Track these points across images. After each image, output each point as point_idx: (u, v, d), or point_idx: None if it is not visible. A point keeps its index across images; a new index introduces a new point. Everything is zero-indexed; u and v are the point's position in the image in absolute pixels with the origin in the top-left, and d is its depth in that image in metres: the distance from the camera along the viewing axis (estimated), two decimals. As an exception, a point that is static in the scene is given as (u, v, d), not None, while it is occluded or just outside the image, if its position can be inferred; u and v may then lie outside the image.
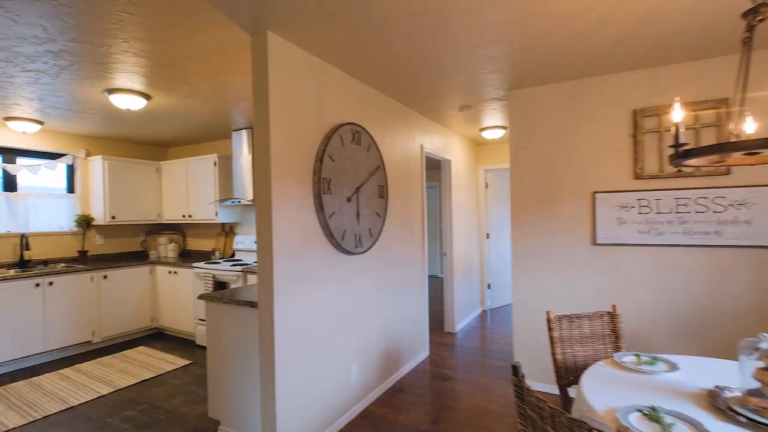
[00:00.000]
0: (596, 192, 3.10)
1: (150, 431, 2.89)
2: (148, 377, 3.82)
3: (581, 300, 3.17)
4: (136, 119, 4.31)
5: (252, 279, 4.21)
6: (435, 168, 8.82)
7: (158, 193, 5.48)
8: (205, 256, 5.44)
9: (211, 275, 4.49)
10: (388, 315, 3.47)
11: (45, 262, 4.69)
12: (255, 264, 4.50)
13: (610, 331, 2.29)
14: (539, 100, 3.32)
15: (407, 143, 3.84)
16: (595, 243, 3.11)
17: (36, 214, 4.68)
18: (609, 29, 2.40)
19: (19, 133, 4.52)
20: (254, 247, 4.86)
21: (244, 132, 4.70)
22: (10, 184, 4.53)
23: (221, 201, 4.81)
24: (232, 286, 4.34)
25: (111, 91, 3.34)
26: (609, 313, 2.31)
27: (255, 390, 2.58)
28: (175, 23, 2.26)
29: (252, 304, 2.57)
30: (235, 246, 5.08)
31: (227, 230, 5.39)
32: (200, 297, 2.85)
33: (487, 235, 5.98)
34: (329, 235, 2.73)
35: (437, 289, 7.68)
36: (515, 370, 1.53)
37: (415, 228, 3.97)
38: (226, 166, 4.99)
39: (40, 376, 3.87)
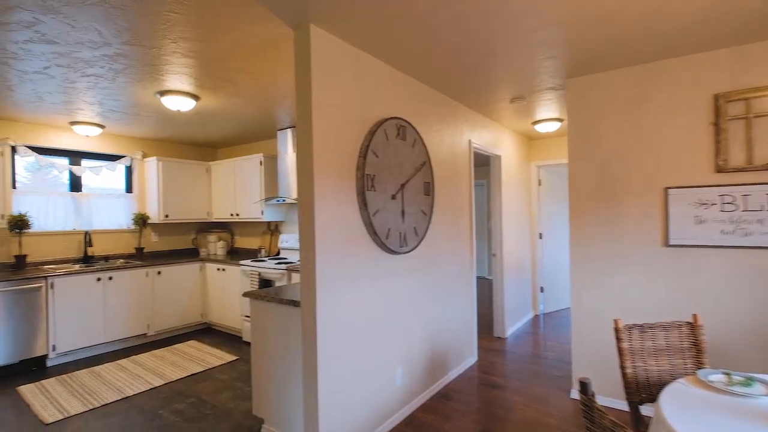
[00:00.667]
0: (669, 188, 2.78)
1: (198, 425, 2.92)
2: (197, 371, 3.91)
3: (651, 307, 2.86)
4: (187, 121, 4.44)
5: (296, 277, 4.21)
6: (482, 165, 8.49)
7: (208, 192, 5.65)
8: (252, 254, 5.54)
9: (256, 273, 4.54)
10: (434, 317, 3.32)
11: (106, 258, 4.96)
12: (299, 262, 4.49)
13: (690, 344, 2.02)
14: (601, 88, 3.04)
15: (454, 138, 3.67)
16: (667, 244, 2.79)
17: (98, 212, 4.96)
18: (686, 4, 2.12)
19: (83, 137, 4.80)
20: (298, 245, 4.87)
21: (288, 131, 4.73)
22: (76, 185, 4.83)
23: (266, 200, 4.86)
24: (277, 284, 4.36)
25: (162, 93, 3.44)
26: (688, 323, 2.03)
27: (298, 389, 2.53)
28: (219, 20, 2.25)
29: (295, 303, 2.52)
30: (280, 244, 5.12)
31: (273, 229, 5.46)
32: (245, 294, 2.85)
33: (540, 235, 5.66)
34: (373, 233, 2.63)
35: (486, 291, 7.41)
36: (584, 387, 1.35)
37: (463, 227, 3.79)
38: (271, 166, 5.05)
39: (100, 366, 4.08)
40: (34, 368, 4.01)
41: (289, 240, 5.02)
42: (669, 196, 2.77)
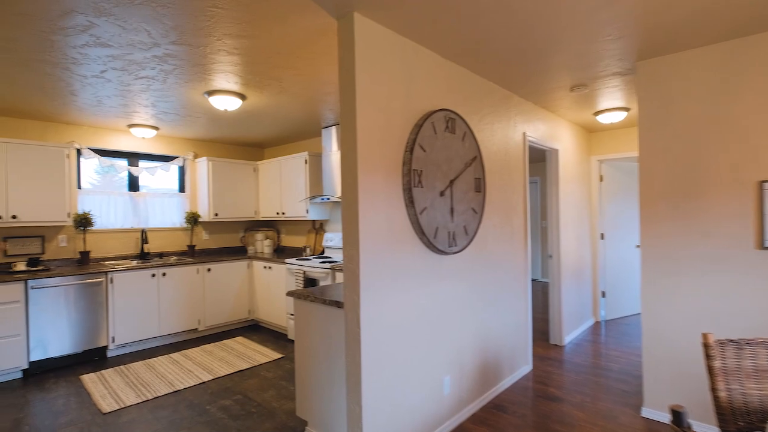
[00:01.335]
0: (765, 181, 2.40)
1: (243, 423, 2.91)
2: (244, 368, 3.94)
3: (743, 318, 2.49)
4: (234, 121, 4.50)
5: (341, 277, 4.14)
6: (536, 161, 8.04)
7: (255, 191, 5.75)
8: (297, 253, 5.57)
9: (301, 272, 4.53)
10: (485, 322, 3.12)
11: (160, 255, 5.17)
12: (343, 260, 4.43)
13: (801, 367, 1.69)
14: (679, 70, 2.70)
15: (507, 131, 3.43)
16: (762, 246, 2.41)
17: (153, 211, 5.18)
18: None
19: (140, 139, 5.02)
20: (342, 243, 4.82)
21: (333, 128, 4.68)
22: (134, 185, 5.06)
23: (311, 198, 4.85)
24: (321, 283, 4.32)
25: (210, 93, 3.48)
26: (798, 341, 1.70)
27: (342, 394, 2.43)
28: (262, 14, 2.19)
29: (338, 304, 2.42)
30: (324, 243, 5.10)
31: (317, 227, 5.45)
32: (288, 294, 2.80)
33: (602, 236, 5.23)
34: (420, 232, 2.47)
35: (541, 295, 7.01)
36: (678, 417, 1.12)
37: (517, 226, 3.54)
38: (316, 164, 5.03)
39: (154, 359, 4.22)
40: (96, 358, 4.23)
41: (333, 239, 4.98)
42: (765, 191, 2.39)
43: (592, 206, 5.20)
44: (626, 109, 3.98)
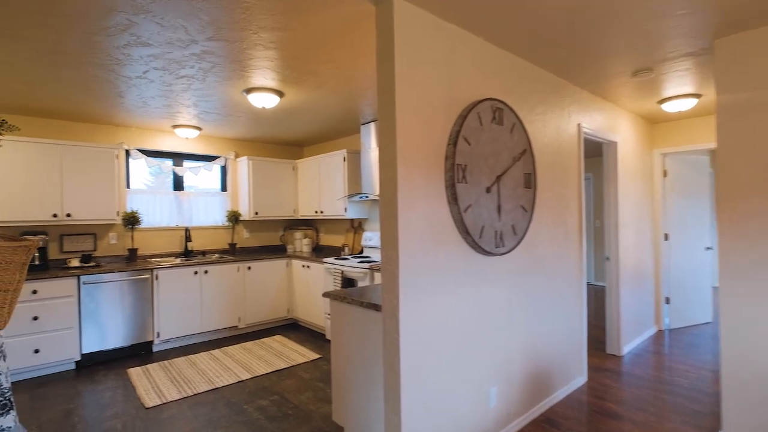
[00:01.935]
0: None
1: (279, 425, 2.85)
2: (282, 367, 3.91)
3: None
4: (273, 119, 4.49)
5: (379, 277, 4.02)
6: (590, 156, 7.47)
7: (294, 190, 5.75)
8: (336, 252, 5.50)
9: (339, 271, 4.45)
10: (535, 329, 2.87)
11: (203, 253, 5.27)
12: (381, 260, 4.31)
13: None
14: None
15: (560, 122, 3.15)
16: None
17: (197, 210, 5.29)
18: None
19: (183, 139, 5.14)
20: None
21: (371, 125, 4.56)
22: (178, 184, 5.19)
23: (350, 196, 4.76)
24: (360, 283, 4.21)
25: (249, 90, 3.46)
26: None
27: (380, 401, 2.30)
28: (296, 3, 2.09)
29: (376, 307, 2.29)
30: (363, 242, 4.99)
31: (356, 226, 5.36)
32: (325, 295, 2.70)
33: (665, 236, 4.76)
34: (464, 231, 2.29)
35: (596, 300, 6.54)
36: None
37: (571, 225, 3.26)
38: (355, 162, 4.93)
39: (195, 355, 4.29)
40: (143, 352, 4.35)
41: (372, 238, 4.87)
42: None
43: (654, 204, 4.74)
44: (697, 96, 3.56)
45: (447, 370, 2.23)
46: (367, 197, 4.53)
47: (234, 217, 5.42)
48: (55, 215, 4.03)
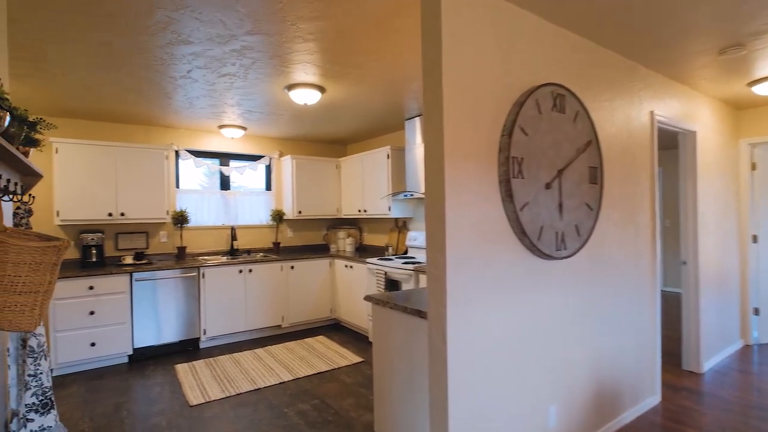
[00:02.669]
0: None
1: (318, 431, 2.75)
2: (323, 370, 3.82)
3: None
4: (316, 116, 4.41)
5: (424, 279, 3.82)
6: (660, 148, 6.73)
7: (338, 188, 5.67)
8: (379, 252, 5.36)
9: (382, 272, 4.29)
10: (600, 342, 2.56)
11: (248, 252, 5.32)
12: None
13: None
14: None
15: (630, 110, 2.80)
16: None
17: (242, 209, 5.35)
18: None
19: (229, 139, 5.21)
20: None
21: (416, 120, 4.37)
22: (225, 184, 5.27)
23: (394, 195, 4.59)
24: (404, 285, 4.04)
25: (290, 87, 3.39)
26: None
27: (424, 415, 2.11)
28: (337, -20, 1.95)
29: (421, 314, 2.10)
30: (408, 242, 4.81)
31: (400, 225, 5.19)
32: (366, 298, 2.55)
33: (754, 238, 4.15)
34: (520, 232, 2.04)
35: (670, 309, 5.85)
36: None
37: (642, 225, 2.89)
38: (399, 158, 4.76)
39: (239, 353, 4.30)
40: (190, 348, 4.44)
41: (417, 238, 4.68)
42: None
43: (740, 201, 4.16)
44: (797, 75, 3.06)
45: (500, 384, 2.00)
46: (411, 195, 4.35)
47: (278, 216, 5.43)
48: (110, 214, 4.19)
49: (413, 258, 4.52)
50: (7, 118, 1.28)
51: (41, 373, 1.71)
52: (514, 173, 2.01)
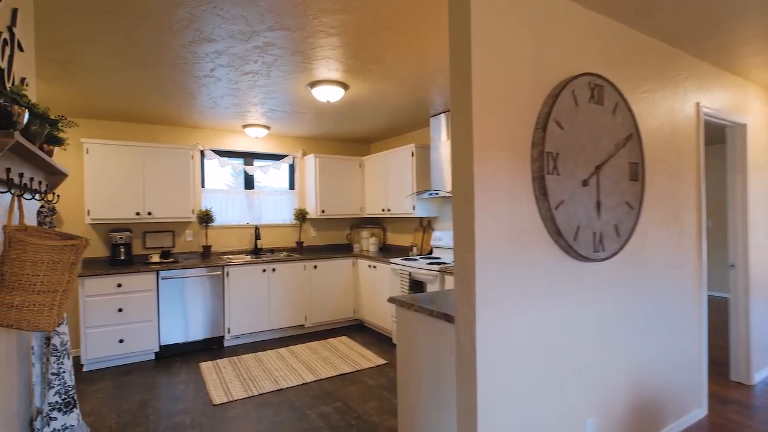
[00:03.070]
0: None
1: (341, 438, 2.69)
2: (346, 371, 3.76)
3: None
4: (339, 114, 4.36)
5: (450, 281, 3.70)
6: (711, 143, 6.27)
7: (361, 187, 5.61)
8: (403, 252, 5.27)
9: (407, 273, 4.20)
10: (640, 350, 2.39)
11: (272, 251, 5.32)
12: (453, 263, 3.98)
13: None
14: None
15: (673, 101, 2.61)
16: None
17: (266, 208, 5.36)
18: None
19: (253, 138, 5.22)
20: (453, 244, 4.37)
21: (442, 116, 4.25)
22: (249, 183, 5.29)
23: (418, 193, 4.49)
24: (429, 287, 3.93)
25: (313, 84, 3.34)
26: None
27: (451, 425, 2.00)
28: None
29: (448, 318, 2.00)
30: (433, 242, 4.70)
31: (425, 225, 5.07)
32: (390, 300, 2.47)
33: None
34: (555, 232, 1.91)
35: (716, 315, 5.49)
36: None
37: (687, 226, 2.69)
38: (424, 156, 4.65)
39: (263, 352, 4.30)
40: (215, 347, 4.46)
41: (442, 238, 4.56)
42: None
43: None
44: None
45: (533, 395, 1.87)
46: (437, 194, 4.23)
47: (301, 216, 5.42)
48: (137, 213, 4.26)
49: (438, 258, 4.40)
50: (26, 115, 1.25)
51: (64, 371, 1.71)
52: (548, 169, 1.88)
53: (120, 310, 3.91)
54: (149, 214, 4.31)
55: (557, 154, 1.92)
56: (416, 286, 4.08)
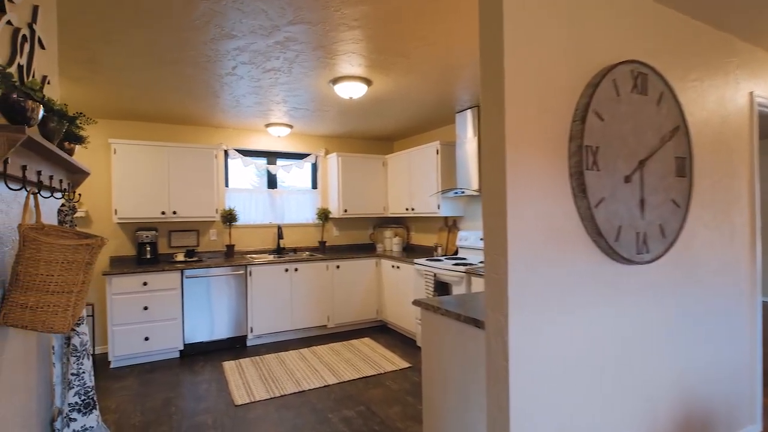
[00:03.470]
0: None
1: (364, 444, 2.60)
2: (369, 374, 3.68)
3: None
4: (362, 111, 4.28)
5: (477, 283, 3.57)
6: (766, 137, 5.83)
7: (384, 186, 5.52)
8: (428, 252, 5.14)
9: (431, 274, 4.08)
10: (687, 360, 2.20)
11: (295, 250, 5.30)
12: (480, 264, 3.84)
13: None
14: None
15: (724, 91, 2.40)
16: None
17: (288, 207, 5.34)
18: None
19: (276, 137, 5.21)
20: (479, 244, 4.22)
21: (468, 112, 4.11)
22: (272, 183, 5.28)
23: (443, 192, 4.36)
24: (455, 288, 3.80)
25: (335, 80, 3.27)
26: None
27: (480, 440, 1.88)
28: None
29: (477, 323, 1.88)
30: (458, 242, 4.56)
31: (450, 225, 4.94)
32: (415, 303, 2.36)
33: None
34: (595, 232, 1.77)
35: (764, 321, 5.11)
36: None
37: (739, 226, 2.47)
38: (449, 154, 4.52)
39: (285, 352, 4.27)
40: (238, 346, 4.46)
41: (468, 238, 4.41)
42: None
43: None
44: None
45: (570, 407, 1.73)
46: (462, 193, 4.09)
47: (324, 215, 5.37)
48: (163, 213, 4.30)
49: (464, 259, 4.26)
50: (41, 111, 1.22)
51: (84, 372, 1.68)
52: (587, 164, 1.74)
53: (145, 308, 3.95)
54: (174, 213, 4.35)
55: (597, 148, 1.77)
56: (441, 287, 3.96)
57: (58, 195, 1.67)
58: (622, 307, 1.91)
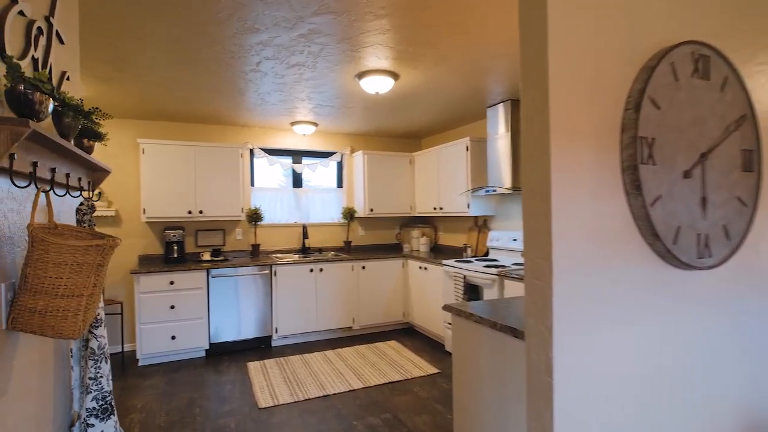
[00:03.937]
0: None
1: (390, 455, 2.47)
2: (396, 379, 3.56)
3: None
4: (388, 106, 4.15)
5: (509, 286, 3.38)
6: None
7: (411, 185, 5.37)
8: (457, 253, 4.96)
9: (461, 276, 3.91)
10: (755, 377, 1.96)
11: (320, 250, 5.23)
12: (513, 267, 3.64)
13: None
14: None
15: (796, 73, 2.13)
16: None
17: (314, 207, 5.28)
18: None
19: (301, 136, 5.15)
20: (512, 245, 4.02)
21: (500, 107, 3.92)
22: (297, 182, 5.23)
23: (473, 191, 4.18)
24: (486, 291, 3.62)
25: (361, 75, 3.16)
26: None
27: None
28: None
29: (515, 332, 1.72)
30: (489, 243, 4.37)
31: (480, 224, 4.75)
32: (446, 308, 2.22)
33: None
34: (650, 234, 1.57)
35: None
36: None
37: (814, 228, 2.20)
38: (479, 151, 4.33)
39: (310, 354, 4.20)
40: (263, 346, 4.43)
41: (500, 238, 4.21)
42: None
43: None
44: None
45: (621, 429, 1.55)
46: (494, 191, 3.90)
47: (349, 214, 5.28)
48: (189, 212, 4.31)
49: (496, 260, 4.07)
50: (50, 104, 1.15)
51: (101, 376, 1.63)
52: (642, 158, 1.54)
53: (172, 307, 3.97)
54: (201, 212, 4.35)
55: (653, 140, 1.57)
56: (472, 290, 3.79)
57: (76, 194, 1.62)
58: (681, 317, 1.70)
